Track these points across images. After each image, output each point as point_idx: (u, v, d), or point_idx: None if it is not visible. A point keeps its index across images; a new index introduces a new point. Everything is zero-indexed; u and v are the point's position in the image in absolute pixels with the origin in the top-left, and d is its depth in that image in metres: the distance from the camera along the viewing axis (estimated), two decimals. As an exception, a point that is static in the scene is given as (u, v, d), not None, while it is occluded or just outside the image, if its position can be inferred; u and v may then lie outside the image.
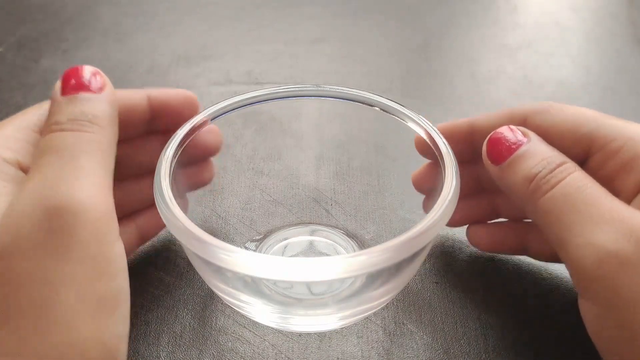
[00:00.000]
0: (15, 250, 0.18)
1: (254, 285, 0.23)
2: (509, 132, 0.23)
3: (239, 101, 0.26)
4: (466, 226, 0.28)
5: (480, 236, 0.28)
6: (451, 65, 0.46)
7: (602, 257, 0.19)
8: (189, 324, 0.25)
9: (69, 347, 0.17)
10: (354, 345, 0.25)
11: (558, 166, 0.22)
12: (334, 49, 0.47)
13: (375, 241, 0.28)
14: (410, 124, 0.26)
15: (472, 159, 0.25)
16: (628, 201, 0.21)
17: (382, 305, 0.24)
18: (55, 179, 0.19)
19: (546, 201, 0.21)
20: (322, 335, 0.25)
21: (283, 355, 0.24)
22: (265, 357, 0.24)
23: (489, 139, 0.24)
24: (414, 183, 0.27)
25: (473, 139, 0.26)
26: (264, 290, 0.25)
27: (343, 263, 0.19)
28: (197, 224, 0.20)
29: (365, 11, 0.52)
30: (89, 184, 0.19)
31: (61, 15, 0.51)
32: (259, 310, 0.23)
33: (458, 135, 0.26)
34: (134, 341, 0.25)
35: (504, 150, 0.23)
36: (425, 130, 0.25)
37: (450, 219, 0.22)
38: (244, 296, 0.23)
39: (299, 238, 0.29)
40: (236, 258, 0.19)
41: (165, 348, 0.24)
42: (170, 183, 0.22)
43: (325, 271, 0.19)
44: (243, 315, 0.25)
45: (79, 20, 0.50)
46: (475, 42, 0.48)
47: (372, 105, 0.27)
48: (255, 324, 0.25)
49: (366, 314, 0.24)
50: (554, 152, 0.22)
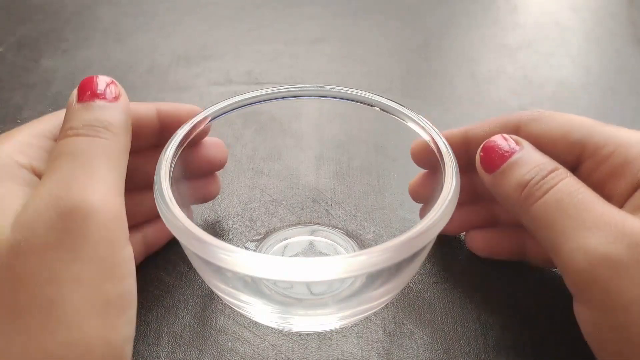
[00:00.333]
0: (27, 249, 0.18)
1: (254, 285, 0.23)
2: (501, 141, 0.24)
3: (239, 101, 0.26)
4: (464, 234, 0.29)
5: (478, 242, 0.28)
6: (451, 65, 0.46)
7: (595, 261, 0.19)
8: (189, 324, 0.25)
9: (76, 347, 0.18)
10: (354, 345, 0.25)
11: (550, 173, 0.22)
12: (334, 49, 0.47)
13: (375, 241, 0.28)
14: (410, 124, 0.26)
15: (468, 167, 0.25)
16: (620, 205, 0.21)
17: (382, 305, 0.24)
18: (69, 181, 0.19)
19: (539, 207, 0.21)
20: (322, 335, 0.25)
21: (283, 355, 0.24)
22: (265, 357, 0.24)
23: (482, 147, 0.24)
24: (410, 192, 0.28)
25: (468, 148, 0.26)
26: (264, 290, 0.25)
27: (343, 263, 0.19)
28: (197, 224, 0.20)
29: (365, 11, 0.52)
30: (102, 187, 0.19)
31: (61, 15, 0.51)
32: (259, 310, 0.23)
33: (453, 145, 0.26)
34: (134, 341, 0.25)
35: (496, 158, 0.23)
36: (425, 130, 0.25)
37: (448, 225, 0.22)
38: (244, 296, 0.23)
39: (299, 238, 0.29)
40: (236, 258, 0.19)
41: (165, 348, 0.24)
42: (170, 183, 0.22)
43: (325, 271, 0.19)
44: (243, 315, 0.25)
45: (79, 20, 0.50)
46: (475, 42, 0.48)
47: (372, 105, 0.27)
48: (255, 324, 0.25)
49: (366, 314, 0.24)
50: (546, 159, 0.23)
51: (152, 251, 0.28)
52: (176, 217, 0.21)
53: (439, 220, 0.21)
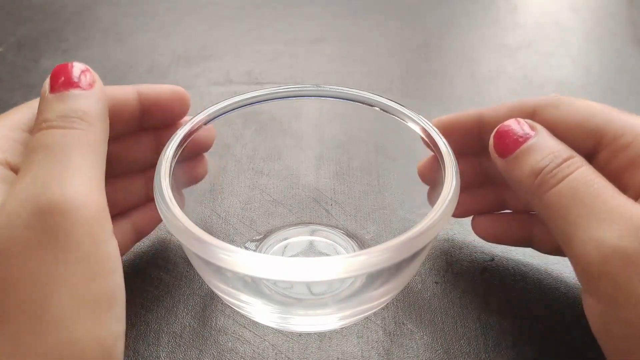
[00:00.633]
0: (7, 251, 0.17)
1: (254, 285, 0.23)
2: (516, 125, 0.23)
3: (239, 101, 0.26)
4: (470, 219, 0.28)
5: (485, 226, 0.27)
6: (451, 65, 0.46)
7: (608, 254, 0.19)
8: (189, 324, 0.25)
9: (66, 348, 0.17)
10: (354, 345, 0.25)
11: (565, 160, 0.21)
12: (334, 49, 0.47)
13: (375, 241, 0.28)
14: (410, 124, 0.26)
15: (480, 150, 0.25)
16: (636, 198, 0.21)
17: (382, 305, 0.24)
18: (46, 177, 0.18)
19: (552, 195, 0.21)
20: (322, 335, 0.25)
21: (283, 355, 0.24)
22: (265, 357, 0.24)
23: (496, 131, 0.23)
24: (419, 173, 0.27)
25: (481, 131, 0.25)
26: (264, 290, 0.25)
27: (343, 263, 0.19)
28: (197, 224, 0.20)
29: (365, 11, 0.52)
30: (81, 182, 0.19)
31: (61, 15, 0.51)
32: (259, 310, 0.23)
33: (466, 127, 0.25)
34: (134, 341, 0.25)
35: (510, 143, 0.23)
36: (425, 130, 0.25)
37: (456, 209, 0.22)
38: (244, 296, 0.23)
39: (299, 238, 0.29)
40: (236, 258, 0.19)
41: (165, 348, 0.24)
42: (170, 183, 0.22)
43: (325, 271, 0.19)
44: (243, 315, 0.25)
45: (79, 20, 0.50)
46: (475, 42, 0.48)
47: (372, 105, 0.27)
48: (255, 324, 0.25)
49: (366, 314, 0.24)
50: (561, 146, 0.22)
51: (143, 237, 0.27)
52: (176, 218, 0.21)
53: (439, 221, 0.21)
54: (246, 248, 0.28)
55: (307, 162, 0.31)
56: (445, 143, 0.24)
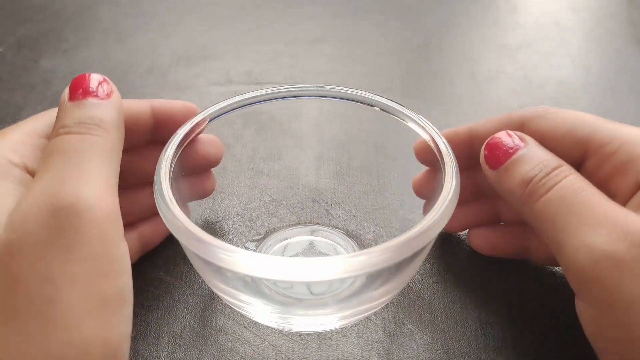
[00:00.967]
0: (20, 248, 0.18)
1: (254, 285, 0.23)
2: (506, 137, 0.24)
3: (239, 101, 0.26)
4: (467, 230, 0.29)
5: (481, 240, 0.28)
6: (451, 65, 0.46)
7: (598, 259, 0.19)
8: (189, 324, 0.25)
9: (73, 345, 0.18)
10: (354, 345, 0.25)
11: (554, 169, 0.22)
12: (334, 49, 0.47)
13: (375, 241, 0.28)
14: (410, 124, 0.26)
15: (472, 164, 0.25)
16: (623, 203, 0.21)
17: (382, 305, 0.24)
18: (62, 179, 0.19)
19: (542, 204, 0.21)
20: (322, 335, 0.25)
21: (283, 355, 0.24)
22: (265, 357, 0.24)
23: (486, 143, 0.24)
24: (414, 189, 0.28)
25: (472, 145, 0.26)
26: (264, 290, 0.25)
27: (343, 263, 0.19)
28: (197, 224, 0.20)
29: (365, 11, 0.52)
30: (95, 185, 0.19)
31: (61, 15, 0.51)
32: (259, 310, 0.23)
33: (458, 142, 0.26)
34: (134, 341, 0.25)
35: (501, 154, 0.23)
36: (425, 130, 0.25)
37: (451, 223, 0.22)
38: (244, 296, 0.23)
39: (299, 238, 0.29)
40: (236, 258, 0.19)
41: (165, 348, 0.24)
42: (170, 183, 0.22)
43: (325, 271, 0.19)
44: (243, 315, 0.25)
45: (79, 20, 0.50)
46: (475, 42, 0.49)
47: (372, 105, 0.27)
48: (255, 324, 0.25)
49: (366, 314, 0.24)
50: (550, 156, 0.23)
51: (148, 249, 0.28)
52: (176, 217, 0.21)
53: (439, 220, 0.21)
54: (246, 248, 0.28)
55: (307, 162, 0.31)
56: (446, 143, 0.24)
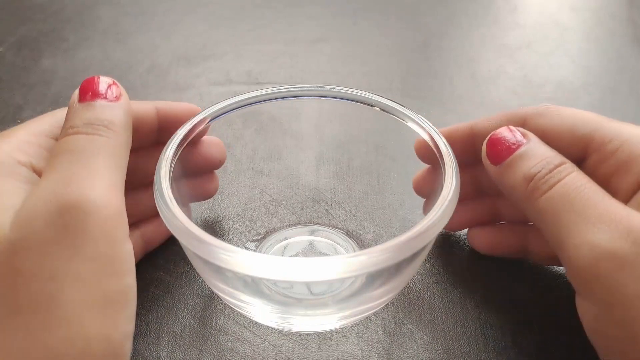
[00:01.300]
0: (26, 245, 0.18)
1: (254, 285, 0.23)
2: (508, 133, 0.23)
3: (239, 101, 0.26)
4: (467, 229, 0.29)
5: (480, 239, 0.28)
6: (451, 65, 0.46)
7: (599, 257, 0.19)
8: (189, 324, 0.25)
9: (76, 343, 0.18)
10: (354, 345, 0.25)
11: (557, 167, 0.22)
12: (334, 49, 0.47)
13: (375, 241, 0.28)
14: (410, 124, 0.26)
15: (473, 162, 0.25)
16: (625, 201, 0.21)
17: (382, 305, 0.24)
18: (69, 178, 0.19)
19: (544, 201, 0.21)
20: (322, 335, 0.25)
21: (283, 355, 0.24)
22: (265, 357, 0.24)
23: (488, 139, 0.24)
24: (414, 187, 0.27)
25: (474, 143, 0.26)
26: (264, 290, 0.25)
27: (343, 263, 0.19)
28: (197, 224, 0.20)
29: (365, 11, 0.52)
30: (101, 184, 0.19)
31: (61, 15, 0.51)
32: (259, 310, 0.23)
33: (459, 139, 0.26)
34: (134, 341, 0.25)
35: (503, 150, 0.23)
36: (425, 130, 0.25)
37: (451, 222, 0.22)
38: (244, 296, 0.23)
39: (299, 238, 0.29)
40: (236, 258, 0.19)
41: (165, 348, 0.24)
42: (170, 183, 0.22)
43: (325, 271, 0.19)
44: (243, 315, 0.25)
45: (79, 20, 0.50)
46: (475, 42, 0.48)
47: (372, 105, 0.27)
48: (255, 324, 0.25)
49: (366, 314, 0.24)
50: (553, 153, 0.23)
51: (151, 249, 0.28)
52: (176, 217, 0.21)
53: (439, 220, 0.21)
54: (246, 248, 0.28)
55: (307, 162, 0.31)
56: (445, 143, 0.24)
